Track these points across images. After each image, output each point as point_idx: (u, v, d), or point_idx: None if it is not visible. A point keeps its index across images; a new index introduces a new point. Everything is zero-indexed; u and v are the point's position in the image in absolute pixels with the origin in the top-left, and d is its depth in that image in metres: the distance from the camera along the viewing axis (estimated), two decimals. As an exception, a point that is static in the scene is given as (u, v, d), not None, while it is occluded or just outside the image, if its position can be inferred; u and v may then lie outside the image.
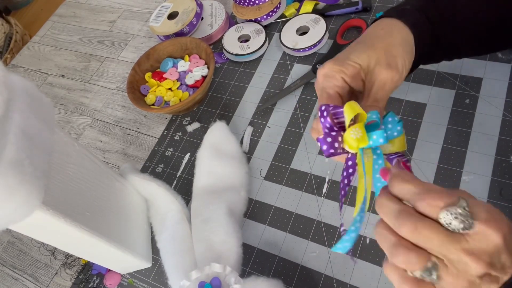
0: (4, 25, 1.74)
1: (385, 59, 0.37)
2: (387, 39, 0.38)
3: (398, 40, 0.38)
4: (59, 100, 0.80)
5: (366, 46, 0.38)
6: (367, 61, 0.37)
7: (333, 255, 0.50)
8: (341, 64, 0.37)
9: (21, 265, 0.62)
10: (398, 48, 0.38)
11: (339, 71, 0.37)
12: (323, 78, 0.38)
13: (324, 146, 0.33)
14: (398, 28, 0.39)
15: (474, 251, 0.25)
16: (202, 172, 0.57)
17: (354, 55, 0.38)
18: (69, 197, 0.41)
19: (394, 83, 0.37)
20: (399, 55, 0.37)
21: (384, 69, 0.37)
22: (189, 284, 0.47)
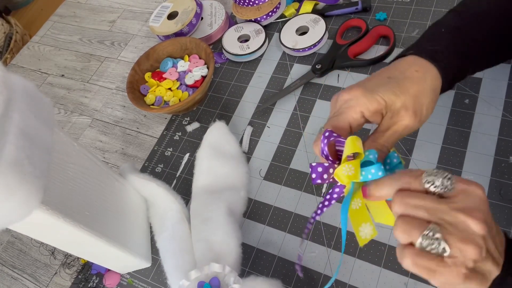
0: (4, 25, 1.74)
1: (413, 106, 0.36)
2: (420, 84, 0.37)
3: (429, 89, 0.37)
4: (59, 100, 0.80)
5: (397, 85, 0.36)
6: (393, 100, 0.36)
7: (333, 255, 0.50)
8: (368, 98, 0.36)
9: (21, 265, 0.62)
10: (428, 97, 0.37)
11: (363, 104, 0.36)
12: (344, 103, 0.37)
13: (313, 175, 0.33)
14: (431, 75, 0.38)
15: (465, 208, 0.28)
16: (201, 172, 0.57)
17: (383, 90, 0.36)
18: (68, 197, 0.41)
19: (411, 131, 0.37)
20: (426, 105, 0.37)
21: (409, 116, 0.36)
22: (188, 284, 0.47)
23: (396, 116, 0.36)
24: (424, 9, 0.66)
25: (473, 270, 0.27)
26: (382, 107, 0.36)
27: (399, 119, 0.36)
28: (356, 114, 0.36)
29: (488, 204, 0.29)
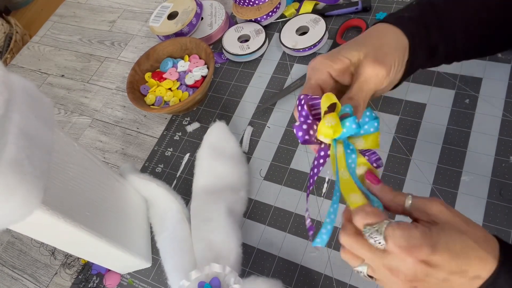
0: (4, 25, 1.74)
1: (373, 55, 0.37)
2: (380, 38, 0.39)
3: (390, 41, 0.39)
4: (59, 100, 0.80)
5: (357, 43, 0.39)
6: (357, 56, 0.37)
7: (333, 255, 0.50)
8: (330, 58, 0.38)
9: (21, 265, 0.62)
10: (389, 47, 0.38)
11: (327, 65, 0.38)
12: (311, 70, 0.39)
13: (300, 133, 0.34)
14: (393, 32, 0.39)
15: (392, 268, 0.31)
16: (201, 172, 0.57)
17: (345, 50, 0.38)
18: (68, 197, 0.41)
19: (379, 79, 0.37)
20: (389, 53, 0.38)
21: (371, 63, 0.37)
22: (188, 284, 0.47)
23: (360, 68, 0.37)
24: (424, 9, 0.66)
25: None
26: (347, 65, 0.38)
27: (363, 70, 0.37)
28: (323, 75, 0.38)
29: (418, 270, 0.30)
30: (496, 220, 0.47)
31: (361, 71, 0.37)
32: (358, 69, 0.38)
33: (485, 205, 0.48)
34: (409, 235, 0.30)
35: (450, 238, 0.30)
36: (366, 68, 0.37)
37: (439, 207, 0.32)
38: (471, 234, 0.31)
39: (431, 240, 0.30)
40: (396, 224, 0.31)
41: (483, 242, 0.31)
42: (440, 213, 0.32)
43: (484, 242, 0.31)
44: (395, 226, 0.31)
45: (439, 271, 0.30)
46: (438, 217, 0.32)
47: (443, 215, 0.32)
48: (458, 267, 0.30)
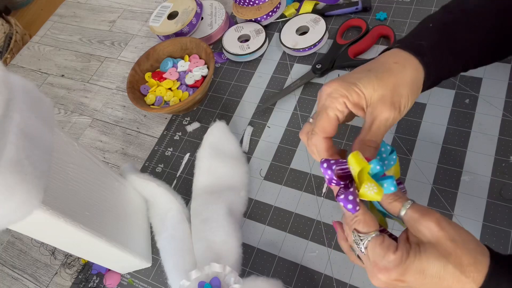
0: (4, 25, 1.74)
1: (390, 98, 0.36)
2: (398, 75, 0.37)
3: (408, 80, 0.37)
4: (59, 100, 0.80)
5: (375, 77, 0.37)
6: (372, 93, 0.36)
7: (333, 255, 0.50)
8: (346, 89, 0.37)
9: (21, 265, 0.62)
10: (406, 88, 0.37)
11: (344, 95, 0.37)
12: (327, 97, 0.38)
13: (349, 205, 0.33)
14: (412, 67, 0.38)
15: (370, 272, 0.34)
16: (202, 172, 0.57)
17: (361, 82, 0.37)
18: (69, 197, 0.41)
19: (394, 122, 0.37)
20: (405, 96, 0.37)
21: (388, 109, 0.36)
22: (188, 284, 0.47)
23: (375, 110, 0.36)
24: (424, 9, 0.66)
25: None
26: (362, 99, 0.37)
27: (379, 113, 0.36)
28: (340, 105, 0.37)
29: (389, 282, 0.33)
30: (496, 220, 0.47)
31: (376, 114, 0.36)
32: (374, 110, 0.37)
33: (485, 205, 0.48)
34: (384, 258, 0.32)
35: (427, 263, 0.31)
36: (383, 113, 0.36)
37: (429, 225, 0.32)
38: (455, 259, 0.31)
39: (404, 265, 0.32)
40: (381, 240, 0.33)
41: (468, 267, 0.31)
42: (429, 232, 0.32)
43: (468, 267, 0.31)
44: (378, 243, 0.33)
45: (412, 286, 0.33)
46: (426, 236, 0.32)
47: (431, 235, 0.32)
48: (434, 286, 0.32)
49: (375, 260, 0.33)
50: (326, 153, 0.37)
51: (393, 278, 0.32)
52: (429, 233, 0.32)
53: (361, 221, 0.34)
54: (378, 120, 0.36)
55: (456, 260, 0.31)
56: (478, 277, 0.31)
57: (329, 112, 0.37)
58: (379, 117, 0.36)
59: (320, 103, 0.39)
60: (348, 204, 0.33)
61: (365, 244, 0.34)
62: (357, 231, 0.34)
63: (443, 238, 0.31)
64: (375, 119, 0.36)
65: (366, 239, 0.34)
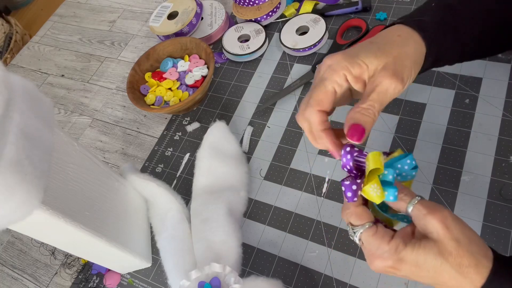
0: (4, 25, 1.74)
1: (393, 67, 0.35)
2: (401, 47, 0.37)
3: (411, 52, 0.37)
4: (59, 100, 0.80)
5: (378, 49, 0.36)
6: (375, 63, 0.36)
7: (333, 255, 0.50)
8: (349, 61, 0.36)
9: (21, 265, 0.62)
10: (409, 59, 0.37)
11: (345, 67, 0.36)
12: (327, 68, 0.37)
13: (349, 193, 0.34)
14: (414, 40, 0.38)
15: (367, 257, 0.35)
16: (201, 172, 0.57)
17: (364, 54, 0.36)
18: (69, 197, 0.41)
19: (395, 92, 0.36)
20: (407, 67, 0.36)
21: (389, 76, 0.35)
22: (188, 284, 0.47)
23: (378, 78, 0.35)
24: (424, 9, 0.66)
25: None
26: (364, 70, 0.36)
27: (380, 80, 0.35)
28: (339, 77, 0.36)
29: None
30: (496, 220, 0.47)
31: (378, 82, 0.35)
32: (375, 78, 0.36)
33: (485, 205, 0.48)
34: (379, 248, 0.33)
35: (422, 256, 0.32)
36: (385, 81, 0.35)
37: (434, 223, 0.32)
38: (455, 259, 0.31)
39: (399, 255, 0.32)
40: (374, 231, 0.34)
41: (467, 268, 0.31)
42: (434, 230, 0.32)
43: (468, 268, 0.31)
44: (370, 234, 0.34)
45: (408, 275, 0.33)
46: (431, 233, 0.32)
47: (436, 233, 0.32)
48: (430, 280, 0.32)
49: (370, 249, 0.34)
50: (320, 127, 0.37)
51: (388, 266, 0.33)
52: (434, 230, 0.32)
53: (353, 214, 0.35)
54: (379, 87, 0.35)
55: (455, 260, 0.31)
56: (477, 279, 0.31)
57: (327, 84, 0.36)
58: (380, 84, 0.35)
59: (319, 75, 0.38)
60: (348, 192, 0.34)
61: (358, 236, 0.34)
62: (351, 224, 0.35)
63: (447, 237, 0.31)
64: (376, 86, 0.35)
65: (359, 231, 0.34)
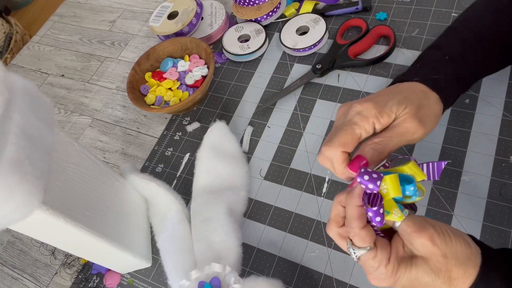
0: (4, 25, 1.74)
1: (416, 112, 0.37)
2: (423, 100, 0.38)
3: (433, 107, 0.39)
4: (59, 100, 0.80)
5: (404, 98, 0.37)
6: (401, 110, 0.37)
7: (333, 255, 0.50)
8: (378, 110, 0.37)
9: (21, 265, 0.62)
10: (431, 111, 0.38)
11: (375, 116, 0.37)
12: (356, 114, 0.38)
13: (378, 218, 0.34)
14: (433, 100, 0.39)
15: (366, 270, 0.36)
16: (202, 172, 0.57)
17: (392, 104, 0.37)
18: (69, 197, 0.41)
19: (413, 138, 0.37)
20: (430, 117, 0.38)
21: (414, 120, 0.36)
22: (188, 284, 0.47)
23: (400, 120, 0.37)
24: (424, 9, 0.66)
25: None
26: (392, 119, 0.37)
27: (403, 122, 0.37)
28: (369, 125, 0.37)
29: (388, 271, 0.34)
30: (496, 220, 0.47)
31: (399, 123, 0.37)
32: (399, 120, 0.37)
33: (485, 205, 0.48)
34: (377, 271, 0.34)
35: (415, 275, 0.33)
36: (407, 123, 0.36)
37: (423, 242, 0.32)
38: (445, 274, 0.32)
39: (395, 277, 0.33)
40: (373, 254, 0.34)
41: (456, 280, 0.32)
42: (422, 248, 0.33)
43: (457, 280, 0.32)
44: (370, 257, 0.34)
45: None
46: (419, 250, 0.33)
47: (423, 251, 0.33)
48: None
49: (367, 270, 0.35)
50: (342, 165, 0.37)
51: (384, 284, 0.34)
52: (422, 248, 0.33)
53: (357, 235, 0.34)
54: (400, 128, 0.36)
55: (445, 275, 0.32)
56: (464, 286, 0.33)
57: (356, 129, 0.37)
58: (401, 125, 0.36)
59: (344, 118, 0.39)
60: (377, 217, 0.33)
61: (358, 256, 0.35)
62: (352, 243, 0.35)
63: (435, 254, 0.32)
64: (394, 127, 0.37)
65: (360, 252, 0.35)
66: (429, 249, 0.32)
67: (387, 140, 0.36)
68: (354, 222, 0.34)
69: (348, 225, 0.35)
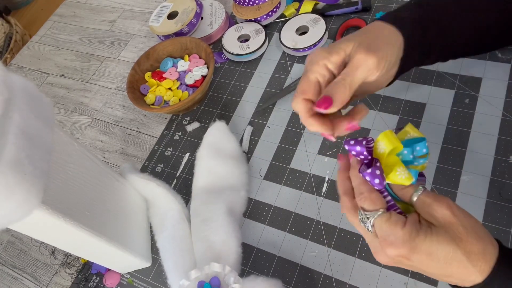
0: (4, 25, 1.74)
1: (366, 44, 0.37)
2: (375, 33, 0.39)
3: (385, 36, 0.39)
4: (59, 100, 0.80)
5: (353, 35, 0.39)
6: (351, 46, 0.38)
7: (333, 255, 0.50)
8: (327, 51, 0.38)
9: (21, 265, 0.62)
10: (383, 41, 0.38)
11: (324, 57, 0.38)
12: (308, 63, 0.39)
13: (377, 180, 0.33)
14: (388, 29, 0.40)
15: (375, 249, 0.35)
16: (201, 171, 0.57)
17: (342, 43, 0.38)
18: (68, 196, 0.41)
19: (369, 68, 0.37)
20: (382, 47, 0.38)
21: (363, 51, 0.37)
22: (188, 284, 0.47)
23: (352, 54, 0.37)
24: (424, 9, 0.66)
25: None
26: (343, 57, 0.38)
27: (353, 55, 0.37)
28: (319, 67, 0.38)
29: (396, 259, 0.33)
30: (496, 220, 0.47)
31: (352, 57, 0.37)
32: (350, 56, 0.38)
33: (484, 205, 0.48)
34: (392, 233, 0.32)
35: (437, 245, 0.31)
36: (357, 55, 0.37)
37: (443, 211, 0.32)
38: (465, 245, 0.31)
39: (413, 242, 0.31)
40: (387, 216, 0.33)
41: (476, 255, 0.31)
42: (442, 217, 0.32)
43: (476, 255, 0.31)
44: (384, 219, 0.33)
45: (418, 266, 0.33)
46: (438, 220, 0.32)
47: (443, 220, 0.32)
48: (438, 270, 0.32)
49: (382, 236, 0.33)
50: (307, 114, 0.38)
51: (400, 254, 0.32)
52: (442, 217, 0.32)
53: (367, 199, 0.34)
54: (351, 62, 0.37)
55: (466, 246, 0.31)
56: (485, 268, 0.31)
57: (309, 75, 0.38)
58: (353, 59, 0.37)
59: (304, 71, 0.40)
60: (376, 179, 0.33)
61: (372, 221, 0.34)
62: (363, 210, 0.35)
63: (455, 224, 0.32)
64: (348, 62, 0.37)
65: (373, 216, 0.34)
66: (450, 219, 0.32)
67: (344, 75, 0.37)
68: (362, 187, 0.35)
69: (358, 194, 0.35)
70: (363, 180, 0.35)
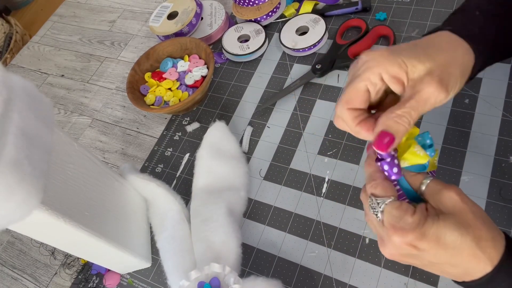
0: (4, 25, 1.74)
1: (439, 74, 0.32)
2: (449, 54, 0.34)
3: (460, 61, 0.34)
4: (59, 100, 0.80)
5: (423, 52, 0.33)
6: (418, 68, 0.33)
7: (333, 255, 0.50)
8: (388, 58, 0.33)
9: (21, 265, 0.62)
10: (457, 69, 0.33)
11: (381, 65, 0.33)
12: (363, 64, 0.34)
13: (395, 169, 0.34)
14: (463, 50, 0.34)
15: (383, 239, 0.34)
16: (201, 172, 0.57)
17: (406, 54, 0.33)
18: (68, 197, 0.41)
19: (437, 102, 0.33)
20: (454, 76, 0.33)
21: (435, 84, 0.32)
22: (188, 284, 0.47)
23: (419, 84, 0.32)
24: (424, 9, 0.66)
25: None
26: (404, 71, 0.33)
27: (423, 87, 0.32)
28: (374, 75, 0.33)
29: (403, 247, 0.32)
30: (496, 220, 0.47)
31: (420, 89, 0.32)
32: (419, 84, 0.32)
33: (484, 205, 0.48)
34: (402, 219, 0.32)
35: (445, 230, 0.31)
36: (429, 88, 0.32)
37: (452, 197, 0.32)
38: (474, 231, 0.30)
39: (422, 228, 0.31)
40: (398, 204, 0.33)
41: (486, 242, 0.30)
42: (451, 203, 0.32)
43: (486, 242, 0.30)
44: (395, 206, 0.32)
45: (425, 256, 0.32)
46: (447, 206, 0.32)
47: (452, 206, 0.32)
48: (447, 259, 0.31)
49: (391, 222, 0.32)
50: (353, 123, 0.35)
51: (408, 241, 0.31)
52: (451, 203, 0.32)
53: (379, 185, 0.34)
54: (420, 94, 0.32)
55: (475, 232, 0.30)
56: (495, 255, 0.31)
57: (359, 83, 0.34)
58: (422, 91, 0.32)
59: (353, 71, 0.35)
60: (394, 168, 0.34)
61: (382, 207, 0.33)
62: (374, 196, 0.34)
63: (464, 210, 0.31)
64: (416, 93, 0.32)
65: (383, 202, 0.33)
66: (459, 205, 0.31)
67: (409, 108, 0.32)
68: (375, 175, 0.35)
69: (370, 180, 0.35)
70: (378, 169, 0.35)
